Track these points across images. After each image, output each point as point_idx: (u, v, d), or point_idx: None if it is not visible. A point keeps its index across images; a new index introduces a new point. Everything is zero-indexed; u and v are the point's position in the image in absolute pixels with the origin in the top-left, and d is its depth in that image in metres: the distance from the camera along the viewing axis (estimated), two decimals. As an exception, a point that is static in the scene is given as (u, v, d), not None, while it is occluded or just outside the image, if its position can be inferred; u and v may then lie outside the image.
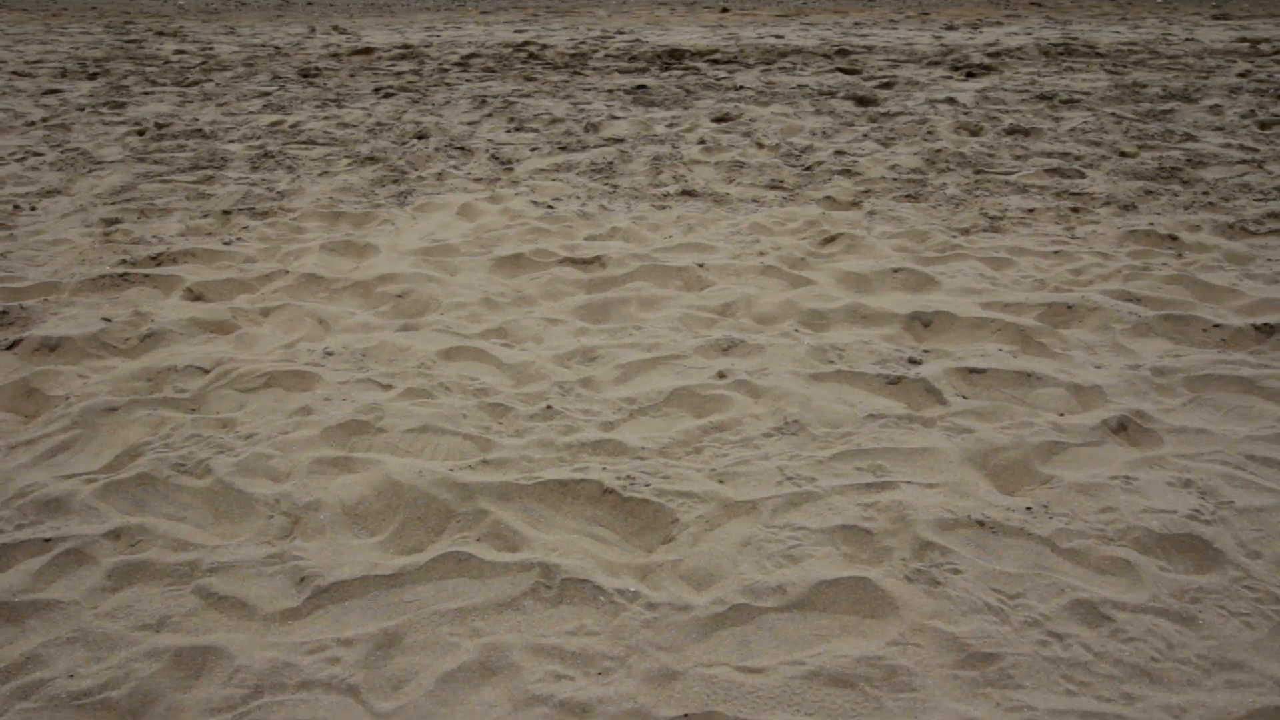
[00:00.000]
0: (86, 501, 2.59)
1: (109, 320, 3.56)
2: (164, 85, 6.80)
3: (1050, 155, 5.26)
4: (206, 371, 3.28)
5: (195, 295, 3.82)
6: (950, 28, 8.64)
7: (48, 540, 2.45)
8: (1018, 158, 5.24)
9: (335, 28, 8.88)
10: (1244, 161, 5.09)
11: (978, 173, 5.04)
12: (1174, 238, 4.22)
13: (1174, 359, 3.30)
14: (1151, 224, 4.37)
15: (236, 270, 4.02)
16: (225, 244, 4.27)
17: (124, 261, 4.05)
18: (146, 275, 3.92)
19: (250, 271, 4.00)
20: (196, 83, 6.86)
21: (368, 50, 7.79)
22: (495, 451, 2.84)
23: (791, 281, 3.90)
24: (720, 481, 2.70)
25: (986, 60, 7.23)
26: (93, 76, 7.01)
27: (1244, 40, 7.83)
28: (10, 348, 3.41)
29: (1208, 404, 3.05)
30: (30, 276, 3.93)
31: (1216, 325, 3.49)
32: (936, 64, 7.18)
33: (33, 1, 10.51)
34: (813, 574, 2.30)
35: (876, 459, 2.78)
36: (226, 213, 4.60)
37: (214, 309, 3.70)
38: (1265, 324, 3.45)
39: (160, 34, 8.57)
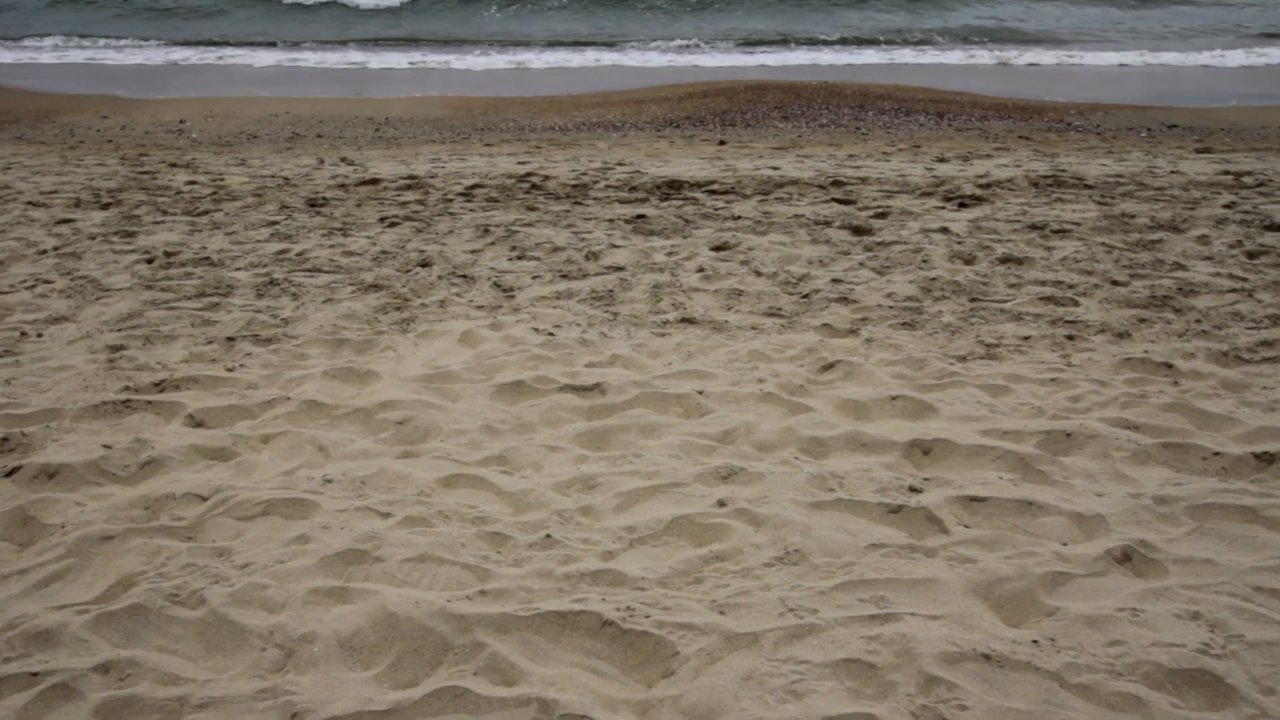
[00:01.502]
0: (77, 633, 2.55)
1: (109, 447, 3.56)
2: (175, 215, 6.96)
3: (1044, 284, 5.35)
4: (204, 499, 3.26)
5: (196, 422, 3.83)
6: (942, 160, 8.88)
7: (35, 674, 2.40)
8: (1012, 286, 5.32)
9: (343, 159, 9.13)
10: (1234, 290, 5.17)
11: (973, 301, 5.12)
12: (1169, 365, 4.25)
13: (1175, 487, 3.29)
14: (1146, 352, 4.41)
15: (238, 397, 4.04)
16: (228, 371, 4.30)
17: (127, 388, 4.07)
18: (149, 402, 3.94)
19: (252, 398, 4.02)
20: (206, 212, 7.02)
21: (374, 181, 7.99)
22: (493, 582, 2.81)
23: (791, 409, 3.92)
24: (721, 613, 2.66)
25: (978, 191, 7.42)
26: (105, 206, 7.17)
27: (1227, 173, 8.05)
28: (9, 474, 3.40)
29: (1211, 533, 3.03)
30: (33, 403, 3.94)
31: (1216, 453, 3.49)
32: (929, 194, 7.36)
33: (52, 135, 10.82)
34: (816, 710, 2.25)
35: (879, 590, 2.75)
36: (230, 339, 4.64)
37: (214, 436, 3.70)
38: (1265, 452, 3.45)
39: (173, 165, 8.80)
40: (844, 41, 16.36)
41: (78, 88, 13.54)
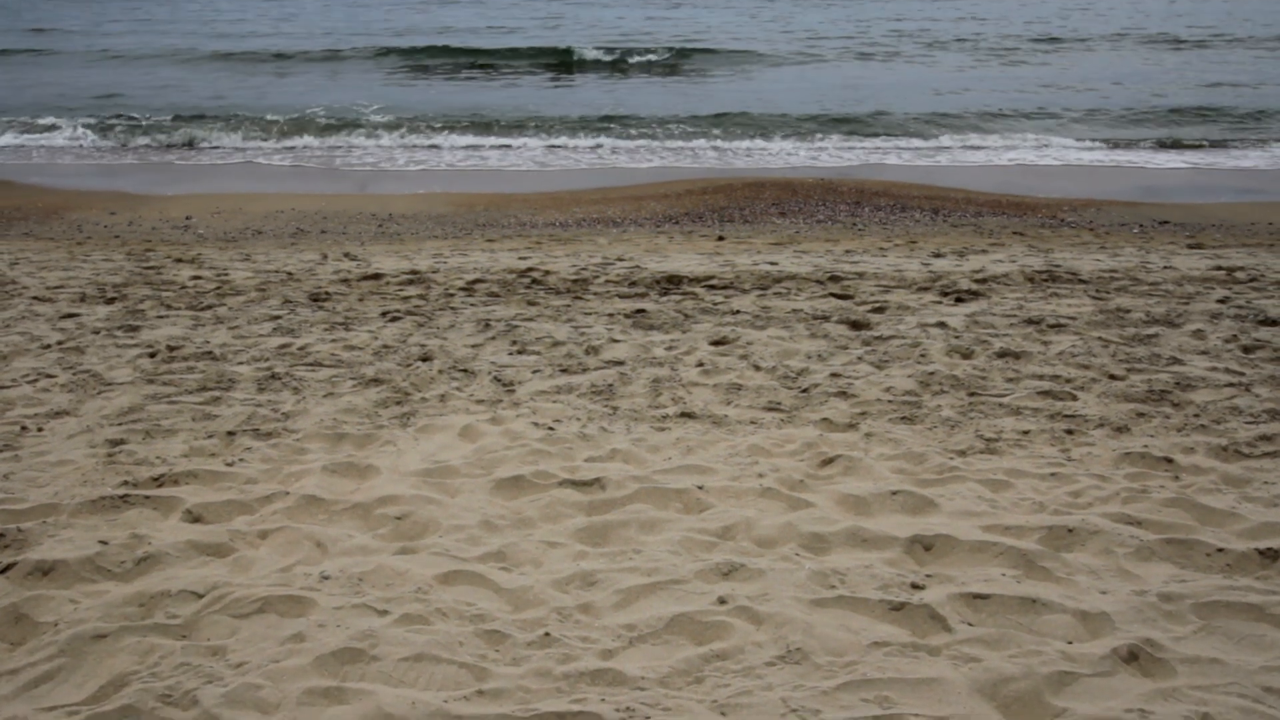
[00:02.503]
0: (66, 736, 2.51)
1: (105, 543, 3.53)
2: (178, 309, 7.03)
3: (1041, 378, 5.38)
4: (200, 596, 3.23)
5: (194, 517, 3.82)
6: (938, 255, 9.00)
7: (22, 778, 2.36)
8: (1010, 380, 5.35)
9: (346, 254, 9.24)
10: (1231, 385, 5.20)
11: (971, 395, 5.14)
12: (1170, 460, 4.25)
13: (1180, 584, 3.26)
14: (1146, 446, 4.41)
15: (237, 492, 4.03)
16: (227, 465, 4.29)
17: (125, 483, 4.06)
18: (147, 497, 3.93)
19: (250, 493, 4.01)
20: (210, 307, 7.09)
21: (377, 276, 8.08)
22: (491, 681, 2.76)
23: (791, 504, 3.91)
24: (723, 714, 2.62)
25: (974, 286, 7.50)
26: (110, 301, 7.25)
27: (1220, 268, 8.15)
28: (4, 571, 3.37)
29: (1218, 632, 2.99)
30: (31, 498, 3.93)
31: (1220, 550, 3.47)
32: (926, 289, 7.44)
33: (60, 231, 10.97)
34: (821, 817, 2.20)
35: (883, 689, 2.71)
36: (231, 434, 4.65)
37: (212, 531, 3.68)
38: (1269, 549, 3.43)
39: (179, 261, 8.91)
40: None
41: (88, 184, 13.77)
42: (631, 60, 25.10)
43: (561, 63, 25.25)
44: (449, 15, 39.72)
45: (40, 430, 4.71)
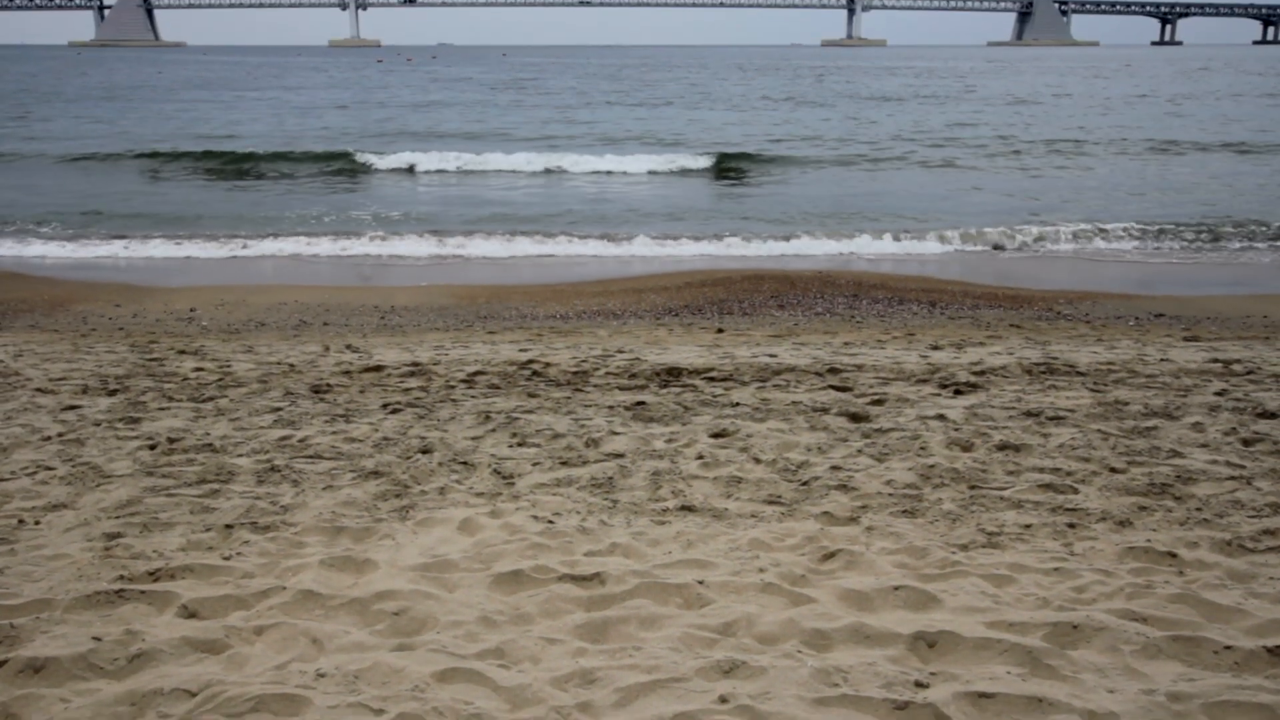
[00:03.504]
0: (52, 841, 2.45)
1: (99, 639, 3.49)
2: (180, 401, 7.04)
3: (1042, 471, 5.37)
4: (193, 695, 3.18)
5: (189, 613, 3.77)
6: (936, 348, 9.05)
7: None
8: (1010, 473, 5.34)
9: (348, 346, 9.30)
10: (1233, 478, 5.19)
11: (972, 488, 5.13)
12: (1173, 555, 4.22)
13: (1188, 683, 3.21)
14: (1149, 541, 4.39)
15: (234, 586, 3.99)
16: (224, 559, 4.26)
17: (121, 577, 4.03)
18: (142, 592, 3.89)
19: (247, 588, 3.97)
20: (211, 398, 7.11)
21: (378, 368, 8.12)
22: (488, 784, 2.71)
23: (792, 599, 3.87)
24: (725, 819, 2.56)
25: (973, 378, 7.53)
26: (112, 393, 7.27)
27: (1216, 360, 8.19)
28: (-5, 669, 3.32)
29: (1228, 733, 2.94)
30: (25, 593, 3.89)
31: (1228, 647, 3.43)
32: (925, 381, 7.47)
33: (65, 323, 11.05)
34: None
35: (888, 794, 2.65)
36: (229, 527, 4.62)
37: (207, 627, 3.64)
38: (1278, 646, 3.39)
39: (181, 352, 8.96)
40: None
41: (94, 276, 13.92)
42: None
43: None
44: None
45: (37, 523, 4.69)
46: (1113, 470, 5.36)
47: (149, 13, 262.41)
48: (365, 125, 37.26)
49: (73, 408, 6.81)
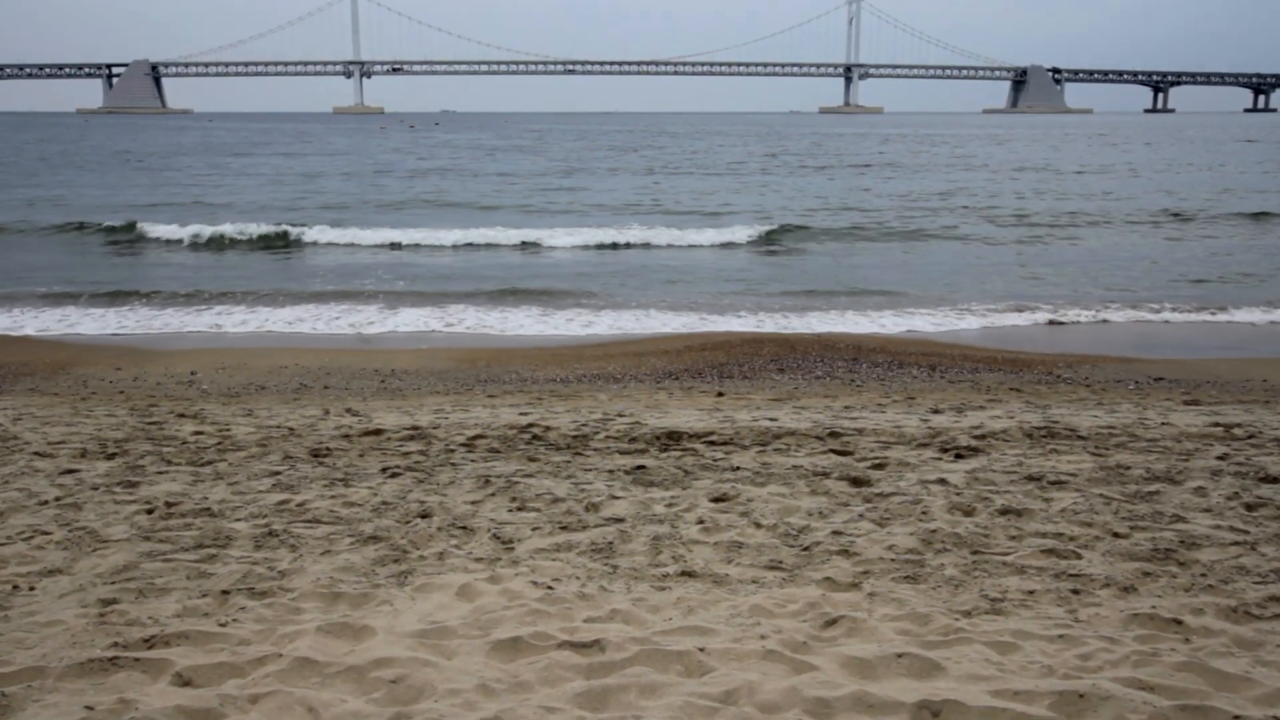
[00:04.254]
0: None
1: (91, 709, 3.44)
2: (179, 465, 7.02)
3: (1044, 536, 5.33)
4: (186, 765, 3.13)
5: (184, 680, 3.73)
6: (936, 411, 9.05)
7: None
8: (1012, 538, 5.30)
9: (348, 410, 9.29)
10: (1237, 544, 5.15)
11: (974, 553, 5.09)
12: (1179, 622, 4.18)
13: (1197, 754, 3.16)
14: (1154, 607, 4.34)
15: (229, 653, 3.94)
16: (220, 626, 4.22)
17: (115, 644, 3.98)
18: (136, 659, 3.85)
19: (243, 655, 3.92)
20: (210, 462, 7.09)
21: (378, 431, 8.11)
22: None
23: (794, 667, 3.82)
24: None
25: (973, 442, 7.52)
26: (111, 456, 7.25)
27: (1217, 425, 8.18)
28: (-15, 738, 3.27)
29: (1240, 805, 2.89)
30: (17, 660, 3.85)
31: (1237, 717, 3.38)
32: (925, 445, 7.45)
33: (65, 386, 11.06)
34: None
35: None
36: (225, 593, 4.58)
37: (201, 695, 3.59)
38: (1285, 715, 3.34)
39: (181, 416, 8.95)
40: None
41: (96, 340, 13.96)
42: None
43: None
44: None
45: (32, 589, 4.65)
46: (1116, 535, 5.33)
47: (156, 81, 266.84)
48: (383, 193, 37.55)
49: (71, 471, 6.79)
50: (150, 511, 5.87)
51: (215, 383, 11.22)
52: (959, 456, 7.12)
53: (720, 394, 10.37)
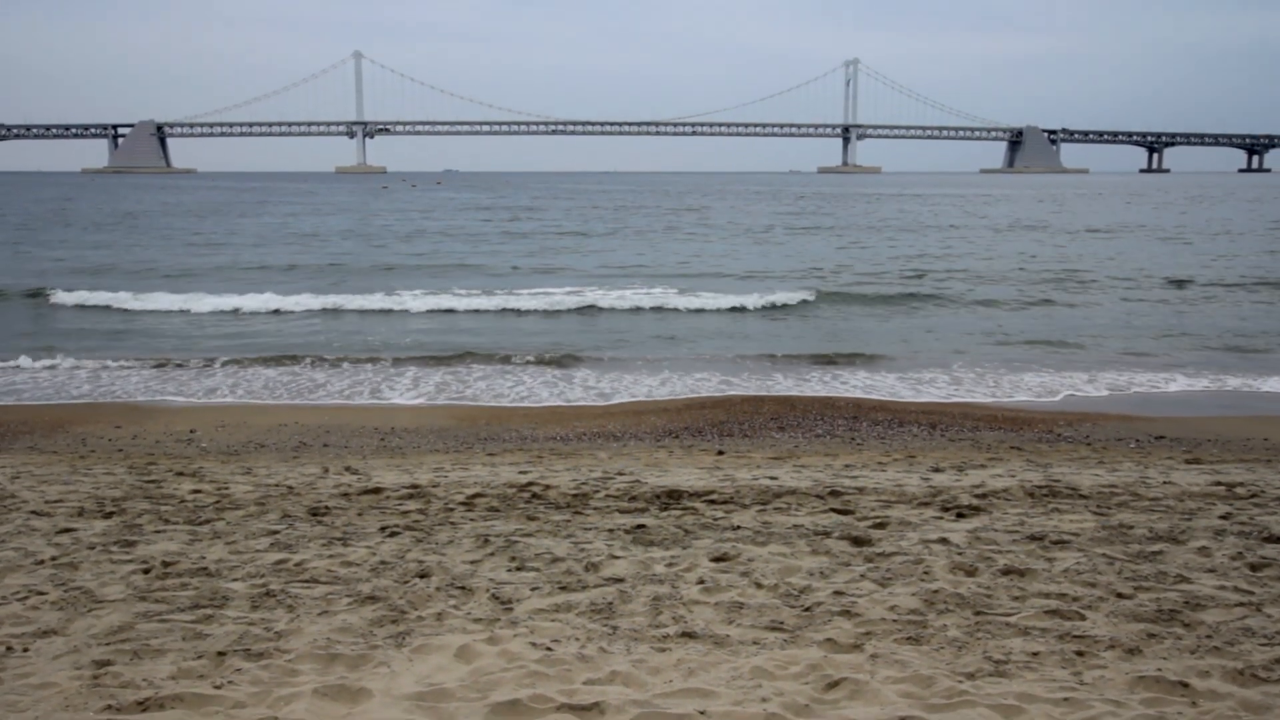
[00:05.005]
0: None
1: (83, 773, 3.39)
2: (176, 523, 6.99)
3: (1048, 596, 5.29)
4: (178, 832, 3.08)
5: (177, 745, 3.68)
6: (937, 470, 9.02)
7: None
8: (1016, 599, 5.26)
9: (347, 468, 9.27)
10: (1241, 605, 5.11)
11: (977, 614, 5.05)
12: (1185, 685, 4.13)
13: (1206, 820, 3.11)
14: (1160, 670, 4.30)
15: (224, 716, 3.89)
16: (215, 688, 4.17)
17: (109, 707, 3.94)
18: (130, 722, 3.79)
19: (238, 718, 3.88)
20: (208, 521, 7.06)
21: (377, 490, 8.08)
22: None
23: (797, 731, 3.77)
24: None
25: (975, 501, 7.49)
26: (108, 515, 7.22)
27: (1219, 484, 8.15)
28: (-26, 804, 3.22)
29: None
30: (10, 723, 3.79)
31: (1245, 782, 3.32)
32: (927, 504, 7.42)
33: (64, 444, 11.04)
34: None
35: None
36: (221, 654, 4.53)
37: (195, 760, 3.54)
38: (1295, 780, 3.29)
39: (180, 474, 8.93)
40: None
41: (95, 398, 13.96)
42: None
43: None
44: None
45: (26, 650, 4.60)
46: (1120, 596, 5.28)
47: (162, 141, 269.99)
48: (395, 257, 37.65)
49: (68, 530, 6.75)
50: (147, 571, 5.83)
51: (215, 440, 11.20)
52: (960, 515, 7.09)
53: (720, 452, 10.35)
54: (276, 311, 22.40)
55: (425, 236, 46.75)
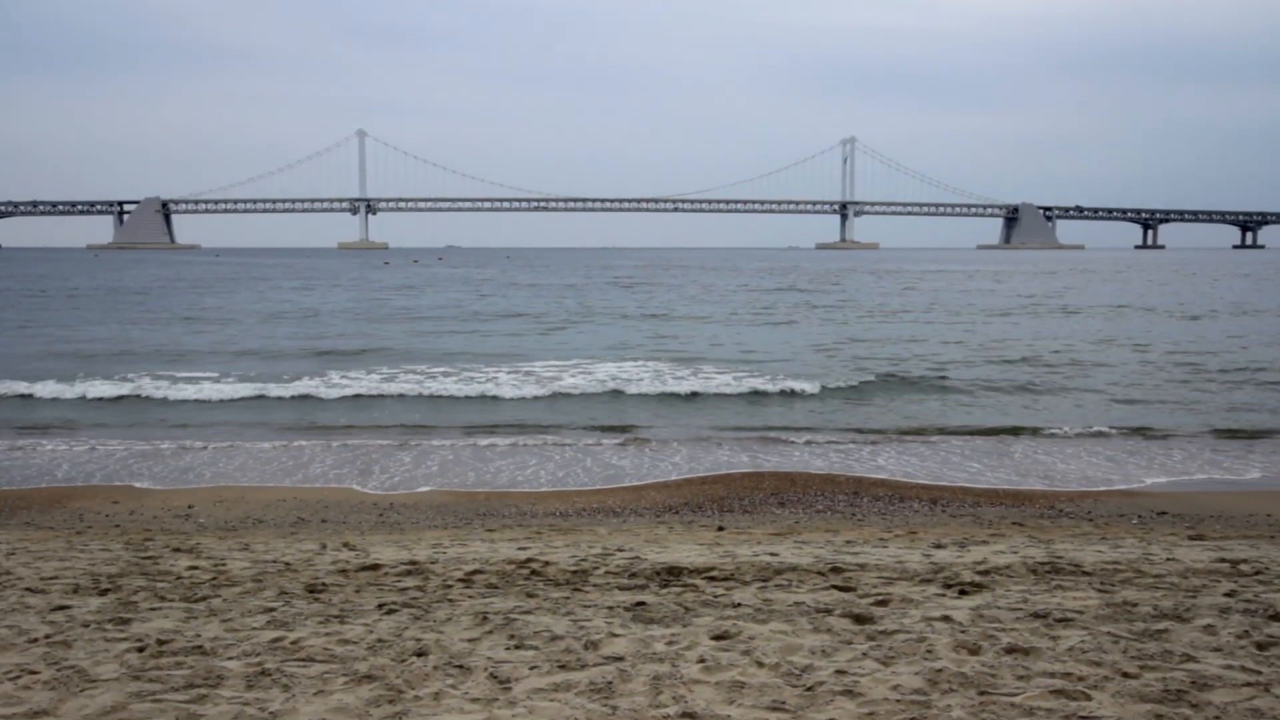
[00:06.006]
0: None
1: None
2: (172, 601, 6.93)
3: (1053, 675, 5.23)
4: None
5: (168, 829, 3.60)
6: (939, 546, 8.97)
7: None
8: (1020, 678, 5.20)
9: (345, 544, 9.21)
10: (1249, 685, 5.05)
11: (982, 694, 4.98)
12: (1193, 766, 4.06)
13: None
14: (1167, 751, 4.23)
15: (216, 800, 3.82)
16: (208, 770, 4.10)
17: (100, 790, 3.86)
18: (121, 806, 3.73)
19: (230, 802, 3.80)
20: (204, 598, 6.99)
21: (375, 567, 8.02)
22: None
23: (800, 815, 3.70)
24: None
25: (977, 578, 7.43)
26: (104, 592, 7.16)
27: (1223, 560, 8.10)
28: None
29: None
30: (-2, 807, 3.72)
31: None
32: (929, 581, 7.36)
33: (61, 520, 10.99)
34: None
35: None
36: (215, 735, 4.47)
37: (186, 845, 3.47)
38: None
39: (176, 550, 8.87)
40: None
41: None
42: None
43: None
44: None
45: (16, 731, 4.53)
46: (1125, 675, 5.22)
47: (167, 217, 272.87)
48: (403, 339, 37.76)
49: (62, 608, 6.69)
50: (141, 649, 5.77)
51: (212, 516, 11.14)
52: (963, 593, 7.03)
53: (721, 528, 10.30)
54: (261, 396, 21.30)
55: (418, 314, 46.83)
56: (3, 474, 13.66)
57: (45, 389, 21.10)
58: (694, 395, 20.98)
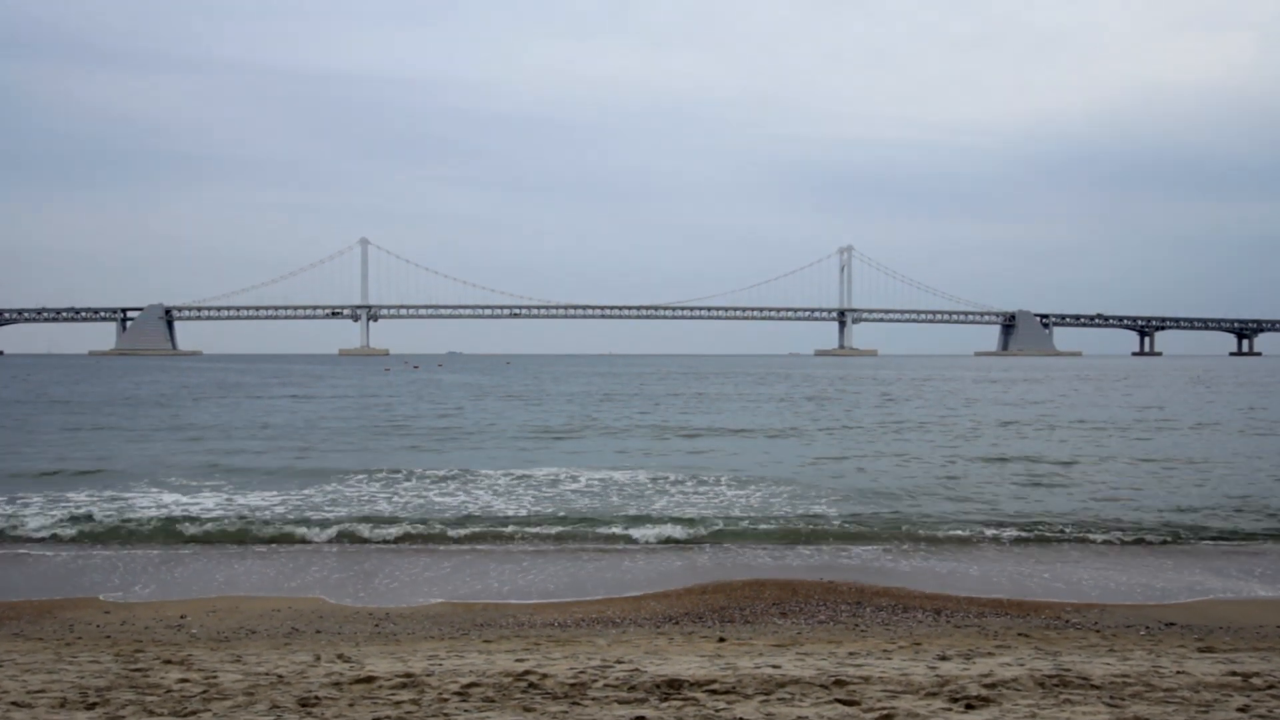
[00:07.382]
0: None
1: None
2: (161, 715, 6.77)
3: (1064, 795, 5.08)
4: None
5: None
6: (943, 658, 8.81)
7: None
8: (1031, 798, 5.05)
9: (340, 656, 9.05)
10: (1266, 803, 4.91)
11: (992, 814, 4.83)
12: None
13: None
14: None
15: None
16: None
17: None
18: None
19: None
20: (194, 713, 6.84)
21: (369, 679, 7.86)
22: None
23: None
24: None
25: (984, 691, 7.27)
26: (91, 706, 7.00)
27: (1235, 673, 7.94)
28: None
29: None
30: None
31: None
32: (934, 695, 7.21)
33: (50, 631, 10.81)
34: None
35: None
36: None
37: None
38: None
39: (167, 662, 8.70)
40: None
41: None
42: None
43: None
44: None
45: None
46: (1139, 794, 5.07)
47: (169, 324, 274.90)
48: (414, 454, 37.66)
49: (49, 722, 6.53)
50: (127, 766, 5.62)
51: (205, 626, 10.96)
52: (969, 707, 6.88)
53: (722, 639, 10.12)
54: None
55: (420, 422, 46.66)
56: (-6, 583, 13.47)
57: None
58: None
